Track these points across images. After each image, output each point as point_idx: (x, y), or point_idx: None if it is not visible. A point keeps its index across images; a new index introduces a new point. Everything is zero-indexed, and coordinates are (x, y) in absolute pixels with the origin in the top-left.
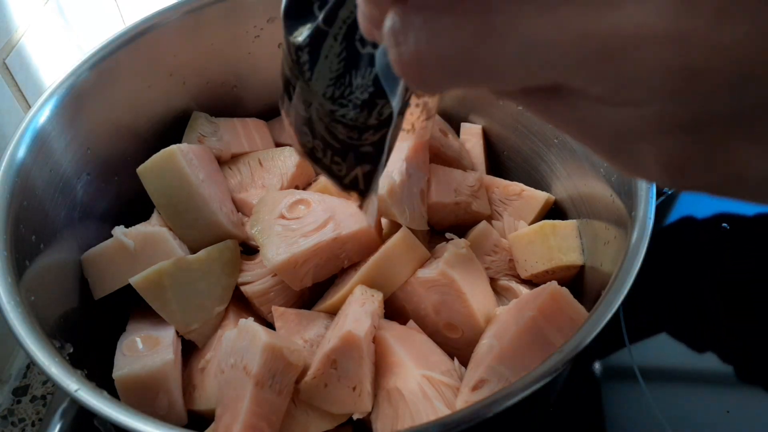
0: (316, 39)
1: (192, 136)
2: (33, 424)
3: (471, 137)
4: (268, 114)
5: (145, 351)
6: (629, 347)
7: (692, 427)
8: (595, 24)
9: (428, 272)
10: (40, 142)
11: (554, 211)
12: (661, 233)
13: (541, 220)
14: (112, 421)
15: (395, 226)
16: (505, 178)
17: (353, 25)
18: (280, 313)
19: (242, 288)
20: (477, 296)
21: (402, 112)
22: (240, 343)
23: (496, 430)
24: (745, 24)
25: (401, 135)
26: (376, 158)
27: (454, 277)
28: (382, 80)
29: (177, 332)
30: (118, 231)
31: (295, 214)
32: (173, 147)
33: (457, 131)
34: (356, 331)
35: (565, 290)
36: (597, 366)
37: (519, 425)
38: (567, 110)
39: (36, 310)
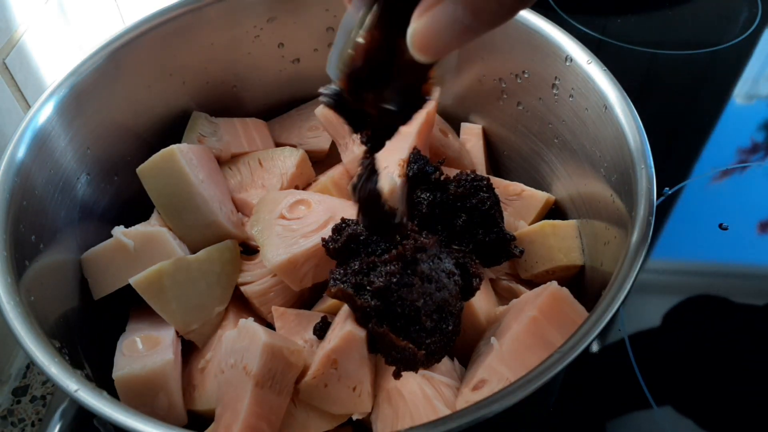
0: None
1: (192, 136)
2: (33, 424)
3: (471, 137)
4: (268, 114)
5: (145, 351)
6: (630, 346)
7: (694, 426)
8: None
9: None
10: (39, 141)
11: (554, 211)
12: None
13: (541, 220)
14: (112, 422)
15: None
16: (505, 178)
17: None
18: (279, 314)
19: (242, 288)
20: (478, 296)
21: None
22: (240, 343)
23: (496, 430)
24: None
25: (401, 134)
26: None
27: None
28: None
29: (177, 332)
30: (118, 231)
31: (296, 214)
32: (173, 147)
33: (457, 131)
34: (357, 331)
35: (565, 290)
36: (597, 365)
37: (519, 425)
38: None
39: (36, 310)
